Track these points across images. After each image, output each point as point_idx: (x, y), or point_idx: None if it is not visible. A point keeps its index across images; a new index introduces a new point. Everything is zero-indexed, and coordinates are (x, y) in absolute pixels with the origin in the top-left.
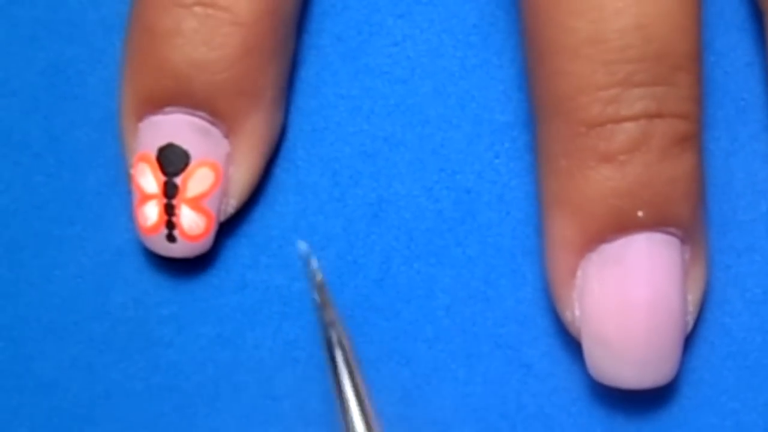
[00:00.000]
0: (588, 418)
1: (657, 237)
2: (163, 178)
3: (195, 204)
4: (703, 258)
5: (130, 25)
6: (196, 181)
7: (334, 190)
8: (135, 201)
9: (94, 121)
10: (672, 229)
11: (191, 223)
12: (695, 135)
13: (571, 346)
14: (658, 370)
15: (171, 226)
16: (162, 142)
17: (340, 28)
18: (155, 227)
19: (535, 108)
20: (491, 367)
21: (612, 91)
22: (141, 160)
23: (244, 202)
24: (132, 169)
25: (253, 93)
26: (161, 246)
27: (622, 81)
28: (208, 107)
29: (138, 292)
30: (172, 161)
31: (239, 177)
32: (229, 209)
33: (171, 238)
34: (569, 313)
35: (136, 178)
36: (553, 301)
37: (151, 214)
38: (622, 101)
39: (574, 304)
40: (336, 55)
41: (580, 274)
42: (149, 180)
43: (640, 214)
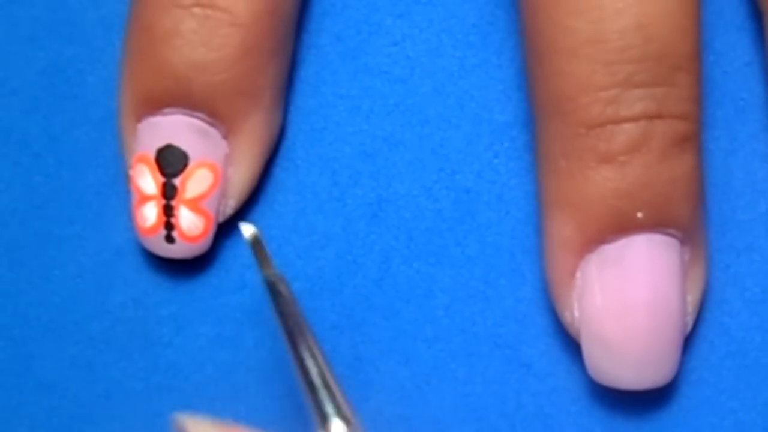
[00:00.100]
0: (587, 418)
1: (657, 238)
2: (162, 179)
3: (194, 205)
4: (702, 259)
5: (129, 26)
6: (194, 182)
7: (334, 190)
8: (134, 202)
9: (93, 121)
10: (671, 230)
11: (190, 224)
12: (695, 135)
13: (571, 346)
14: (657, 371)
15: (170, 227)
16: (161, 143)
17: (339, 27)
18: (154, 228)
19: (534, 108)
20: (491, 367)
21: (612, 92)
22: (140, 161)
23: (243, 203)
24: (131, 170)
25: (252, 93)
26: (160, 247)
27: (622, 81)
28: (207, 108)
29: (137, 292)
30: (170, 162)
31: (238, 178)
32: (228, 210)
33: (170, 239)
34: (569, 314)
35: (134, 179)
36: (553, 302)
37: (149, 215)
38: (622, 102)
39: (574, 304)
40: (335, 54)
41: (579, 275)
42: (148, 181)
43: (639, 215)
